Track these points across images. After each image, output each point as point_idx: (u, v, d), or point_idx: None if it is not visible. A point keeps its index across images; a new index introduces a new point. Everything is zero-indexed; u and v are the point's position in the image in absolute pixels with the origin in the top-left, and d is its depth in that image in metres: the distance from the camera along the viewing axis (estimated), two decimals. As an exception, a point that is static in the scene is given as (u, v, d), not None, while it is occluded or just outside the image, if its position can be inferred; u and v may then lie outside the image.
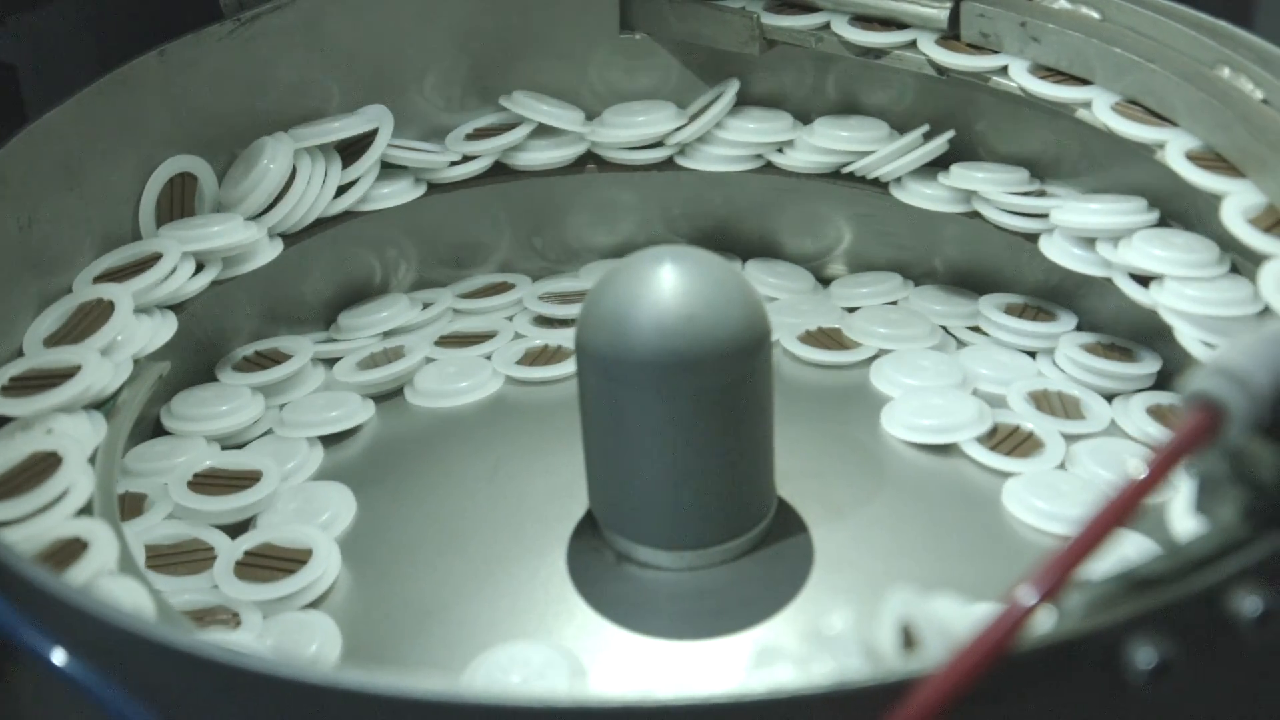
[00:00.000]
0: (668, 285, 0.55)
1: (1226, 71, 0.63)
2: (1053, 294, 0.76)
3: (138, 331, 0.64)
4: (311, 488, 0.66)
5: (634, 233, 0.82)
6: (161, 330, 0.65)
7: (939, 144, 0.74)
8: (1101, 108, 0.66)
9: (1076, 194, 0.71)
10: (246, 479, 0.65)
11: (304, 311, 0.78)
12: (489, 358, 0.74)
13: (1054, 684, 0.37)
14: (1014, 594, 0.35)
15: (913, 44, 0.72)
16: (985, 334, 0.75)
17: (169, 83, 0.70)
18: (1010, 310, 0.75)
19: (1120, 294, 0.66)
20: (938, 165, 0.75)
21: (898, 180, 0.76)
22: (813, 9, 0.74)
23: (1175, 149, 0.63)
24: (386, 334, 0.77)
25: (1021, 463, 0.65)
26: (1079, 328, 0.74)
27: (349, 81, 0.75)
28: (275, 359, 0.73)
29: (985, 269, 0.78)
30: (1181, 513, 0.44)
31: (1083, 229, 0.68)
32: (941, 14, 0.70)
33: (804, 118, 0.78)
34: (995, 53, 0.70)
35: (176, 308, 0.67)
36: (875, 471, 0.65)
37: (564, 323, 0.76)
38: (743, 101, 0.78)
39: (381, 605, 0.59)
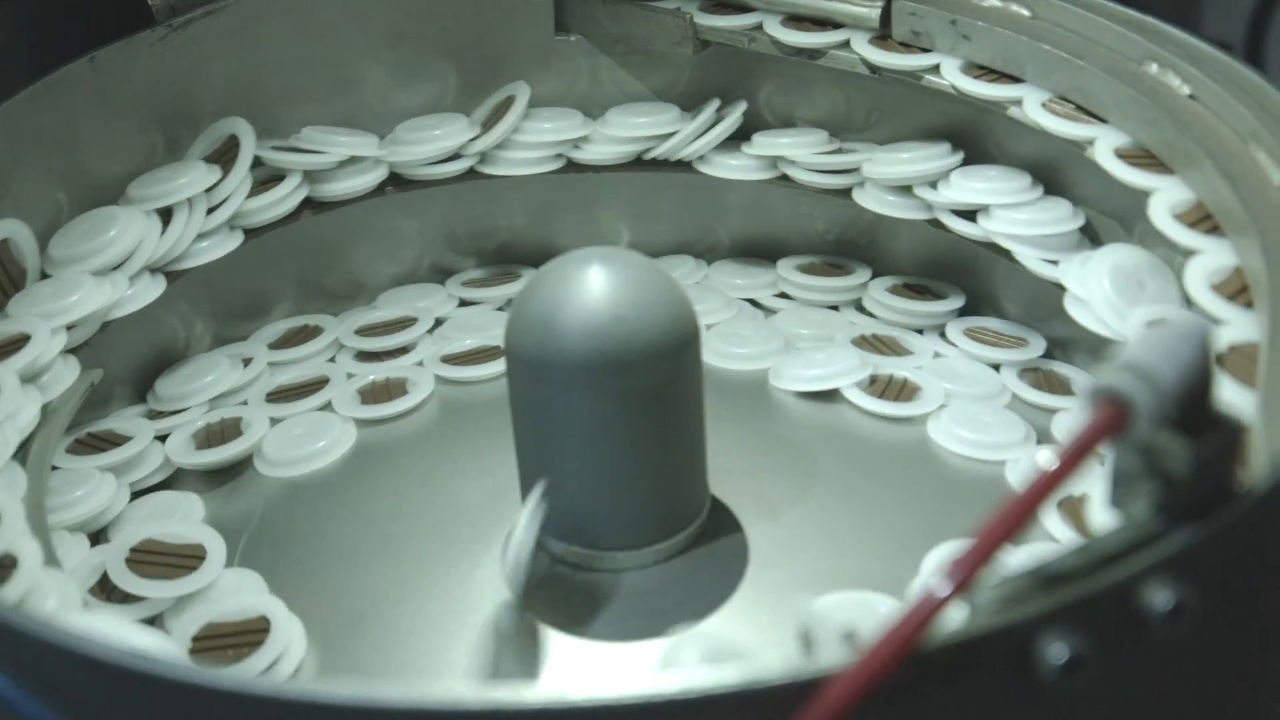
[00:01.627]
0: (595, 287, 0.55)
1: (1154, 68, 0.64)
2: (840, 249, 0.81)
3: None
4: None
5: (418, 258, 0.81)
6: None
7: (736, 117, 0.77)
8: (1032, 105, 0.66)
9: (877, 146, 0.76)
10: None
11: (114, 383, 0.72)
12: (328, 406, 0.71)
13: (965, 680, 0.36)
14: (923, 590, 0.35)
15: (846, 44, 0.72)
16: (791, 298, 0.79)
17: (100, 89, 0.69)
18: (808, 270, 0.79)
19: (904, 239, 0.77)
20: (737, 138, 0.78)
21: (701, 158, 0.78)
22: (746, 9, 0.74)
23: (1104, 146, 0.63)
24: (213, 400, 0.72)
25: (907, 406, 0.68)
26: (874, 275, 0.80)
27: (282, 86, 0.75)
28: (113, 440, 0.67)
29: (771, 235, 0.82)
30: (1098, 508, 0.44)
31: (900, 178, 0.73)
32: (873, 13, 0.71)
33: (589, 113, 0.80)
34: (927, 51, 0.70)
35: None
36: (808, 468, 0.65)
37: (391, 353, 0.75)
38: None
39: (314, 612, 0.59)
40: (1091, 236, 0.69)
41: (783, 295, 0.79)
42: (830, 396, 0.70)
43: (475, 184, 0.78)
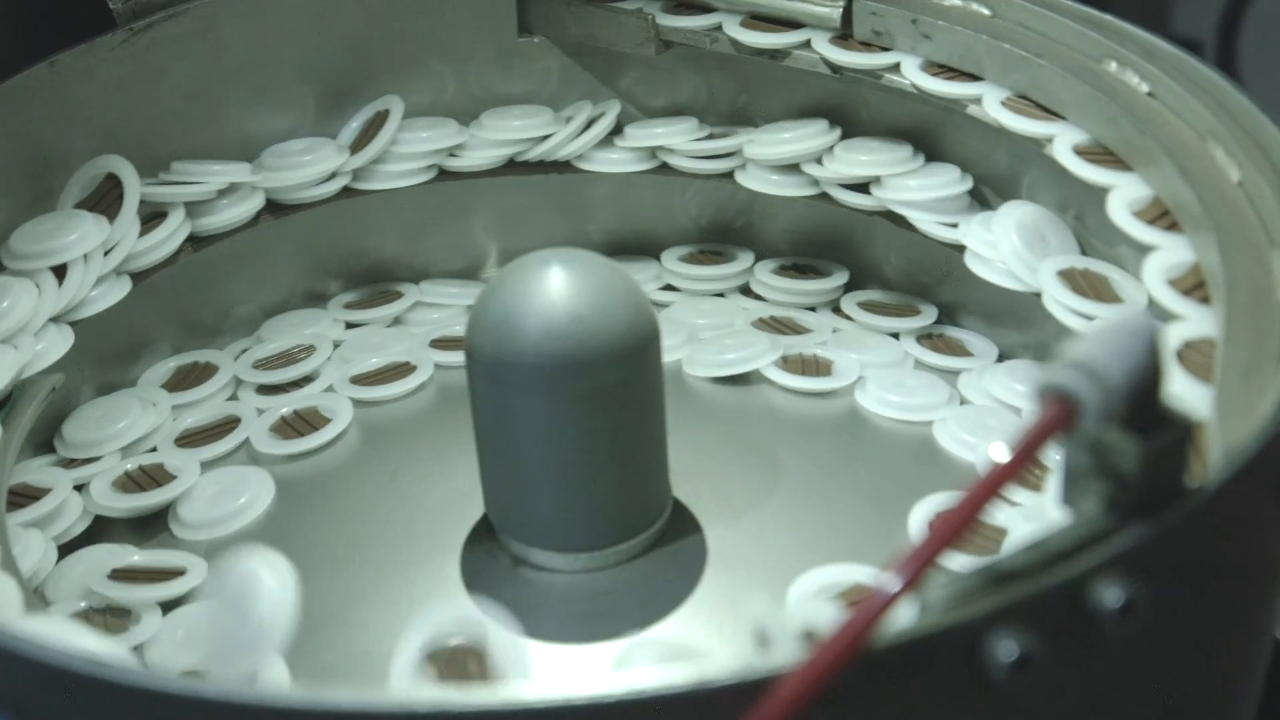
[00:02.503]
0: (554, 288, 0.55)
1: (1114, 66, 0.64)
2: (715, 235, 0.82)
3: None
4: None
5: (293, 285, 0.80)
6: None
7: (613, 114, 0.78)
8: (991, 103, 0.66)
9: (755, 128, 0.78)
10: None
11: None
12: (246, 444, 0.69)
13: (915, 679, 0.37)
14: (872, 588, 0.35)
15: (807, 44, 0.72)
16: (677, 289, 0.80)
17: (60, 94, 0.69)
18: (691, 260, 0.80)
19: (779, 219, 0.79)
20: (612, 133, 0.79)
21: (579, 156, 0.78)
22: (707, 9, 0.74)
23: (1063, 143, 0.63)
24: (126, 447, 0.68)
25: (828, 380, 0.70)
26: (757, 258, 0.80)
27: (245, 90, 0.75)
28: (30, 494, 0.64)
29: (643, 229, 0.82)
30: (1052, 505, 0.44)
31: (785, 156, 0.75)
32: (834, 13, 0.71)
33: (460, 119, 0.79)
34: (888, 50, 0.70)
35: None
36: (771, 469, 0.65)
37: (296, 383, 0.73)
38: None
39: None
40: (976, 197, 0.73)
41: (669, 288, 0.80)
42: (746, 380, 0.71)
43: (342, 204, 0.77)
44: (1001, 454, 0.37)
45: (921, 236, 0.72)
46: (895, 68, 0.69)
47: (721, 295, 0.79)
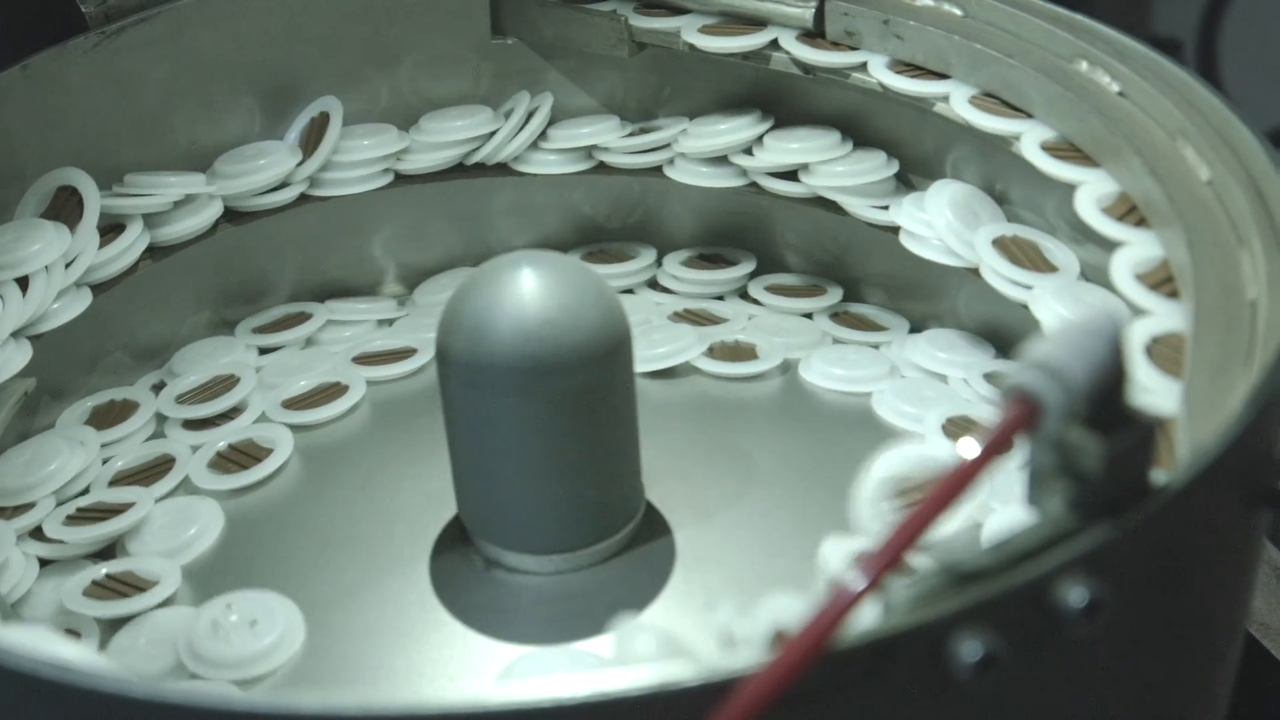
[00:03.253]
0: (525, 290, 0.55)
1: (1084, 65, 0.64)
2: (617, 234, 0.82)
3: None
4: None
5: (191, 314, 0.77)
6: None
7: (545, 112, 0.78)
8: (959, 101, 0.66)
9: (685, 120, 0.78)
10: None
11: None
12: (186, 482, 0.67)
13: (879, 680, 0.37)
14: (835, 588, 0.35)
15: (774, 43, 0.72)
16: None
17: (34, 98, 0.69)
18: (598, 259, 0.80)
19: (677, 210, 0.80)
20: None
21: (516, 159, 0.78)
22: (681, 10, 0.74)
23: (1031, 139, 0.63)
24: (59, 490, 0.65)
25: (758, 364, 0.71)
26: (661, 253, 0.81)
27: (219, 93, 0.75)
28: None
29: (545, 232, 0.82)
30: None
31: (719, 148, 0.76)
32: (806, 13, 0.71)
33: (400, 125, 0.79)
34: (855, 49, 0.70)
35: None
36: (744, 471, 0.65)
37: (225, 416, 0.71)
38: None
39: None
40: (902, 180, 0.75)
41: None
42: (675, 373, 0.72)
43: (227, 235, 0.76)
44: (968, 453, 0.37)
45: (821, 216, 0.75)
46: (863, 66, 0.70)
47: (631, 291, 0.79)
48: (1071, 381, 0.37)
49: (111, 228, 0.70)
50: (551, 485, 0.57)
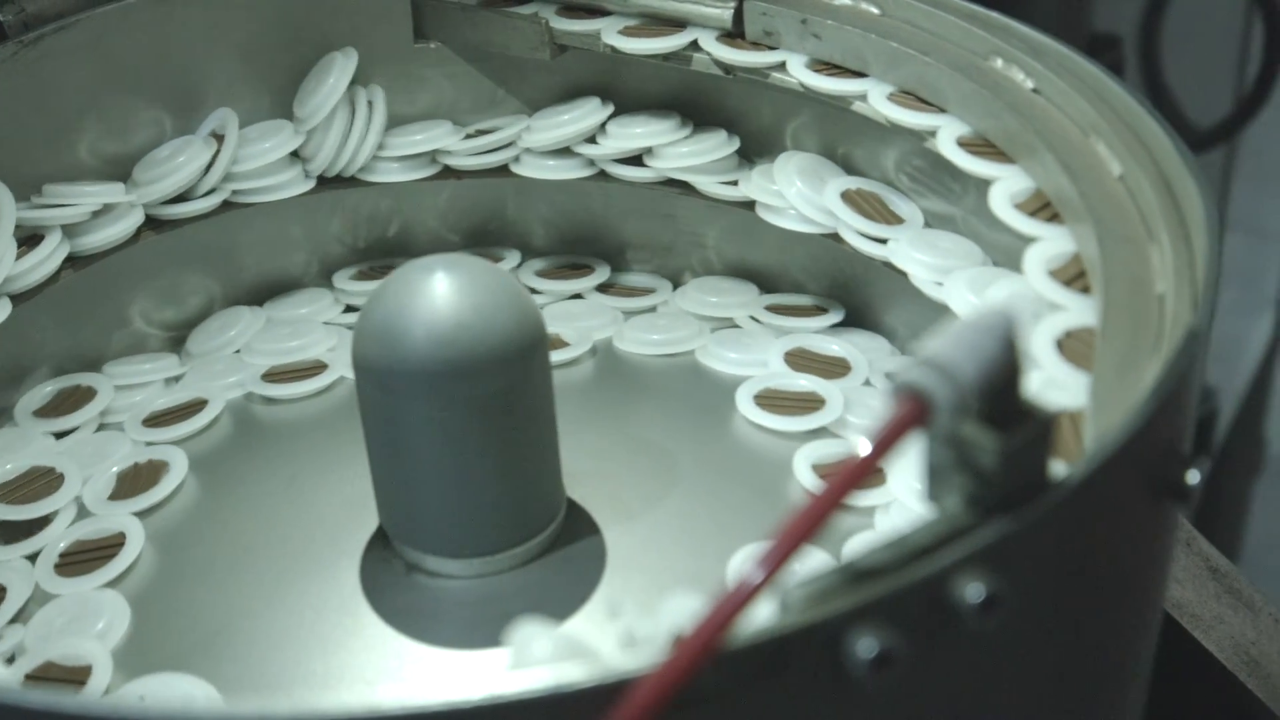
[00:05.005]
0: (439, 294, 0.55)
1: (999, 62, 0.64)
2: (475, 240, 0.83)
3: None
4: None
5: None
6: None
7: (382, 116, 0.77)
8: (877, 98, 0.66)
9: (526, 116, 0.79)
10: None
11: None
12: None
13: (775, 679, 0.37)
14: (728, 588, 0.35)
15: (695, 44, 0.72)
16: None
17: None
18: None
19: (531, 217, 0.81)
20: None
21: (362, 169, 0.78)
22: (602, 13, 0.75)
23: (947, 135, 0.64)
24: None
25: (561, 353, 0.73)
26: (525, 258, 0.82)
27: (140, 101, 0.74)
28: None
29: (399, 240, 0.82)
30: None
31: (564, 139, 0.77)
32: (725, 13, 0.71)
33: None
34: (774, 49, 0.70)
35: None
36: (667, 469, 0.65)
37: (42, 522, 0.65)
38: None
39: (172, 625, 0.59)
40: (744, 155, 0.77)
41: None
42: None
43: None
44: (860, 449, 0.37)
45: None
46: (782, 66, 0.70)
47: None
48: (962, 378, 0.37)
49: (30, 238, 0.70)
50: (469, 489, 0.57)
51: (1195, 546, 0.69)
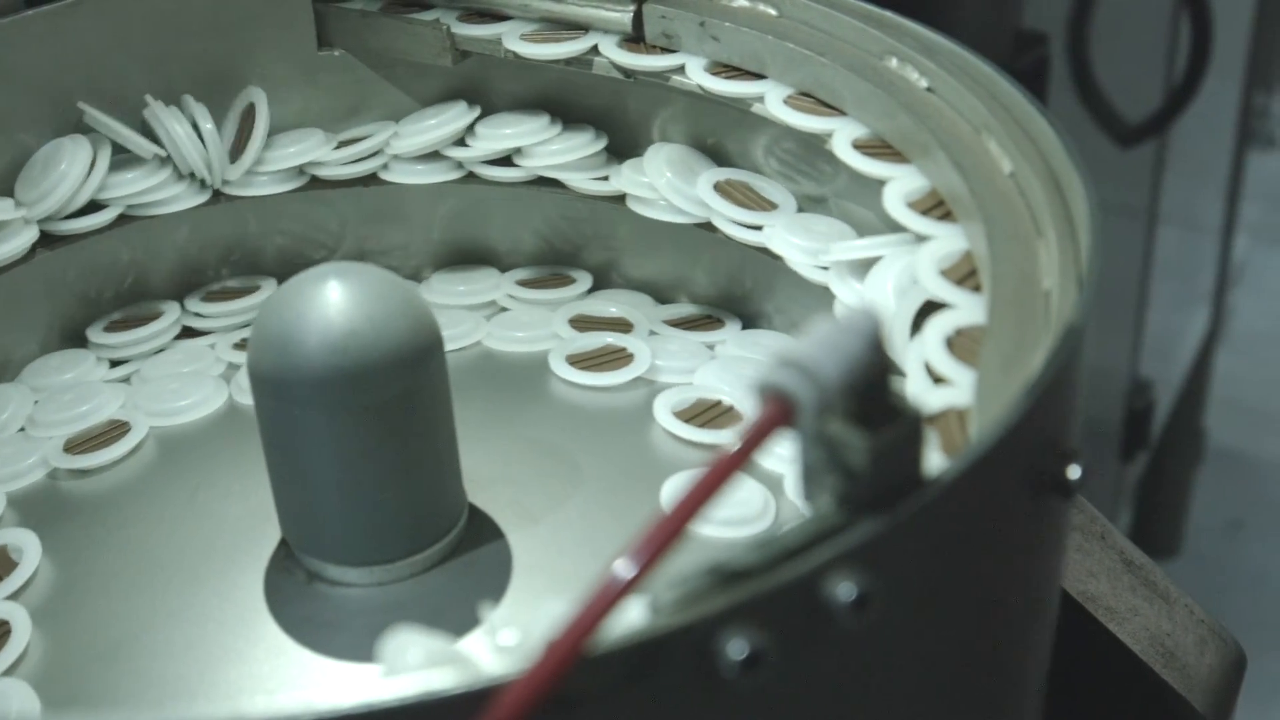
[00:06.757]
0: (331, 302, 0.55)
1: (894, 62, 0.65)
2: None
3: None
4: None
5: None
6: None
7: (233, 122, 0.77)
8: (774, 101, 0.67)
9: (392, 123, 0.79)
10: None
11: None
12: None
13: (645, 681, 0.37)
14: (593, 592, 0.36)
15: (595, 48, 0.72)
16: None
17: None
18: None
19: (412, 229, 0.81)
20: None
21: (227, 183, 0.77)
22: (503, 18, 0.75)
23: (842, 137, 0.64)
24: None
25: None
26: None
27: (41, 114, 0.74)
28: None
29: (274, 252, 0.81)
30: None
31: (433, 143, 0.77)
32: (625, 17, 0.71)
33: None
34: (673, 52, 0.70)
35: None
36: (570, 473, 0.65)
37: None
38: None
39: (73, 639, 0.59)
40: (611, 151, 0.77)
41: None
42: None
43: None
44: (725, 449, 0.37)
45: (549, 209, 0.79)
46: (681, 69, 0.70)
47: None
48: (824, 378, 0.37)
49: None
50: (367, 496, 0.57)
51: (1110, 540, 0.70)
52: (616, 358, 0.72)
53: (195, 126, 0.75)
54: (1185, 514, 2.20)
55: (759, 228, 0.69)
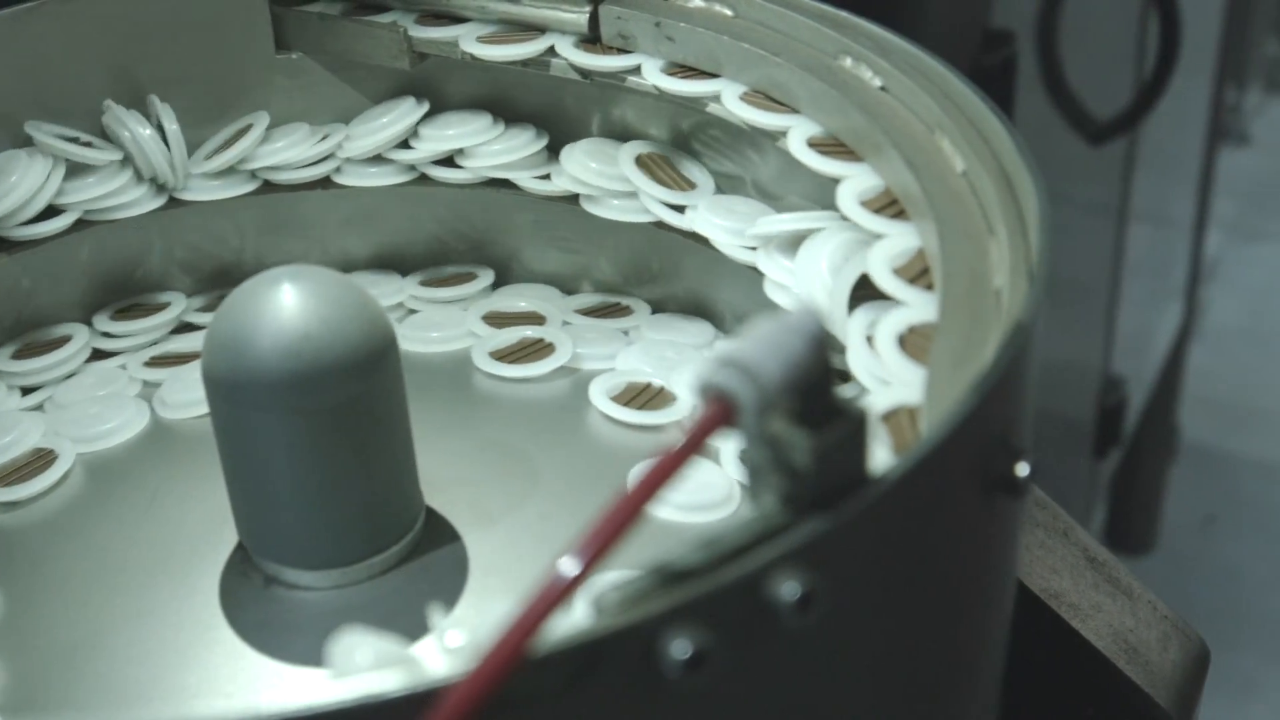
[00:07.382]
0: (285, 305, 0.55)
1: (848, 61, 0.65)
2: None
3: None
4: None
5: None
6: None
7: (175, 131, 0.76)
8: (730, 100, 0.67)
9: (344, 125, 0.79)
10: None
11: None
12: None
13: (588, 682, 0.37)
14: (531, 595, 0.36)
15: (552, 49, 0.72)
16: None
17: None
18: None
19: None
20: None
21: (185, 189, 0.77)
22: (460, 20, 0.75)
23: (797, 136, 0.64)
24: None
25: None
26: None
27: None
28: None
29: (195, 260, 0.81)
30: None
31: (385, 143, 0.77)
32: (581, 18, 0.71)
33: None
34: (629, 53, 0.70)
35: None
36: (528, 474, 0.65)
37: None
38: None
39: (29, 641, 0.59)
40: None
41: None
42: None
43: None
44: (661, 454, 0.37)
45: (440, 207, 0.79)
46: (638, 69, 0.70)
47: None
48: (765, 378, 0.37)
49: None
50: (322, 499, 0.57)
51: (1073, 536, 0.70)
52: (538, 349, 0.73)
53: (160, 128, 0.75)
54: (1159, 510, 2.21)
55: (681, 209, 0.70)
